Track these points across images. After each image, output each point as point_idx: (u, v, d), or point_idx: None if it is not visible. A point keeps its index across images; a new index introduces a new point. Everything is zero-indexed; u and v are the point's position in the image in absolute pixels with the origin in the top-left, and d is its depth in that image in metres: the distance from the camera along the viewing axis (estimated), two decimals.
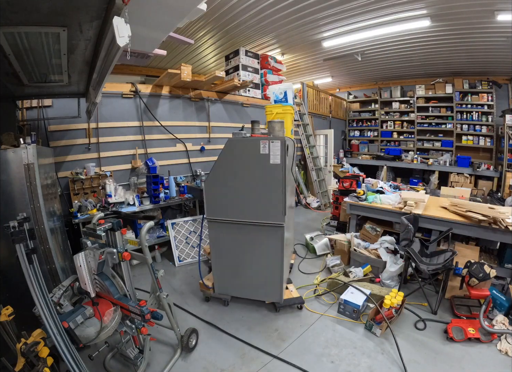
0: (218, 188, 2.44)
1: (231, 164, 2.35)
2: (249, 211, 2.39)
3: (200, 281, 2.81)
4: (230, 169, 2.36)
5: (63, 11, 1.25)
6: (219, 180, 2.42)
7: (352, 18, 4.29)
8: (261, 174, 2.29)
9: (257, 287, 2.60)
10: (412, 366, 1.97)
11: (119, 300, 1.71)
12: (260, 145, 2.21)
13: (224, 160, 2.38)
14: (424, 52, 5.56)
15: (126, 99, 3.81)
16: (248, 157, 2.29)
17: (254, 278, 2.56)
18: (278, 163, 2.21)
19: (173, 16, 2.19)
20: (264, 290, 2.59)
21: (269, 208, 2.33)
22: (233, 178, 2.37)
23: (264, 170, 2.26)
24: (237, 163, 2.34)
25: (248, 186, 2.35)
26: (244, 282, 2.62)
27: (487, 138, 6.70)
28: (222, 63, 5.97)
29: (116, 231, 1.72)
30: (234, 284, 2.66)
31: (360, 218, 3.80)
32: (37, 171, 1.94)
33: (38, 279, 1.39)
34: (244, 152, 2.30)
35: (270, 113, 2.84)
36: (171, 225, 3.74)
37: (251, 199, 2.36)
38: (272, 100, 3.09)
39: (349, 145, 9.07)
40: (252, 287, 2.62)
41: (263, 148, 2.21)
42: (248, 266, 2.55)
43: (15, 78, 2.04)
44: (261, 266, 2.51)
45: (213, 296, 2.73)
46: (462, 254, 2.80)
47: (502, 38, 4.47)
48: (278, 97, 3.08)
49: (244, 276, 2.59)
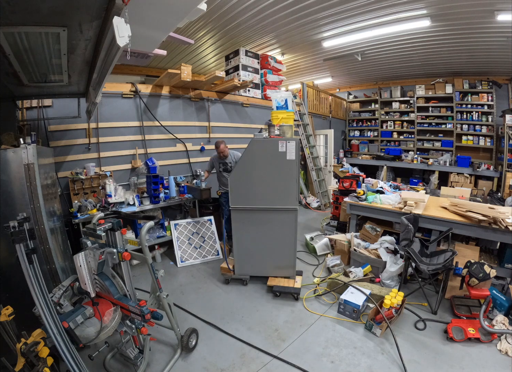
0: (242, 180, 2.87)
1: (253, 161, 2.81)
2: (268, 198, 2.87)
3: (222, 265, 3.21)
4: (252, 165, 2.83)
5: (63, 11, 1.25)
6: (243, 174, 2.86)
7: (352, 18, 4.29)
8: (279, 168, 2.79)
9: (274, 263, 3.04)
10: (412, 366, 1.98)
11: (119, 300, 1.71)
12: (278, 144, 2.73)
13: (247, 157, 2.83)
14: (424, 52, 5.56)
15: (126, 99, 3.81)
16: (268, 155, 2.76)
17: (272, 256, 3.02)
18: (293, 159, 2.75)
19: (173, 16, 2.19)
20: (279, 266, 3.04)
21: (285, 195, 2.85)
22: (255, 171, 2.85)
23: (281, 165, 2.77)
24: (258, 159, 2.82)
25: (268, 178, 2.84)
26: (262, 261, 3.06)
27: (487, 138, 6.70)
28: (222, 63, 5.97)
29: (116, 231, 1.72)
30: (253, 264, 3.09)
31: (360, 218, 3.80)
32: (37, 172, 1.94)
33: (38, 279, 1.39)
34: (265, 150, 2.78)
35: (276, 118, 3.23)
36: (174, 226, 3.75)
37: (270, 188, 2.86)
38: (274, 107, 3.53)
39: (349, 145, 9.07)
40: (270, 265, 3.06)
41: (281, 147, 2.73)
42: (266, 246, 2.99)
43: (15, 78, 2.04)
44: (278, 245, 2.96)
45: (233, 277, 3.15)
46: (462, 254, 2.80)
47: (502, 38, 4.47)
48: (280, 104, 3.51)
49: (262, 256, 3.03)
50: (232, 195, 2.90)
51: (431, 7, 3.81)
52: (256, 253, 3.02)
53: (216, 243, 3.89)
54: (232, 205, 2.92)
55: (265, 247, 2.98)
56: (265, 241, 2.97)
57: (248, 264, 3.08)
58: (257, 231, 2.97)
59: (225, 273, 3.16)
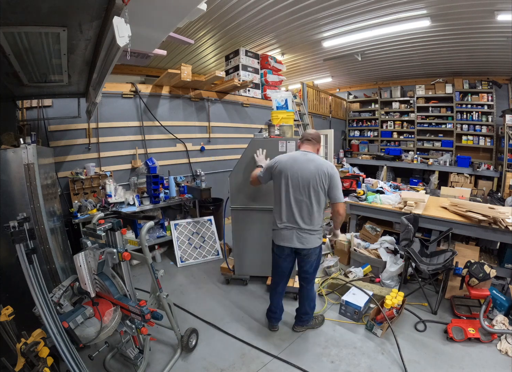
0: (241, 180, 2.84)
1: (253, 160, 2.72)
2: (268, 198, 2.76)
3: (222, 265, 3.18)
4: (252, 164, 2.73)
5: (63, 11, 1.25)
6: (243, 173, 2.82)
7: (352, 18, 4.28)
8: None
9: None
10: (412, 366, 1.98)
11: (119, 300, 1.70)
12: (278, 144, 2.72)
13: (247, 157, 2.79)
14: (424, 52, 5.56)
15: (126, 99, 3.81)
16: (268, 154, 2.68)
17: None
18: None
19: (173, 16, 2.19)
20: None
21: None
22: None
23: None
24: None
25: None
26: (262, 261, 2.95)
27: (487, 138, 6.70)
28: (222, 63, 5.97)
29: (116, 231, 1.72)
30: (253, 264, 3.06)
31: (360, 218, 3.81)
32: (37, 171, 1.94)
33: (38, 279, 1.38)
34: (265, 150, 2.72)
35: (276, 118, 3.18)
36: (174, 226, 3.75)
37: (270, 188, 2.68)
38: (274, 107, 3.46)
39: (349, 145, 9.06)
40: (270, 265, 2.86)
41: (281, 147, 2.72)
42: (266, 246, 2.79)
43: (15, 78, 2.04)
44: None
45: (233, 277, 3.13)
46: (462, 254, 2.80)
47: (502, 38, 4.47)
48: (280, 104, 3.41)
49: (262, 256, 2.93)
50: (231, 194, 2.90)
51: (431, 7, 3.81)
52: (256, 252, 3.00)
53: (216, 243, 3.89)
54: (232, 204, 2.92)
55: (265, 246, 2.93)
56: (265, 241, 2.92)
57: (248, 264, 3.08)
58: (257, 230, 2.96)
59: (225, 273, 3.15)
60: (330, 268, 3.27)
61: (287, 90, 6.85)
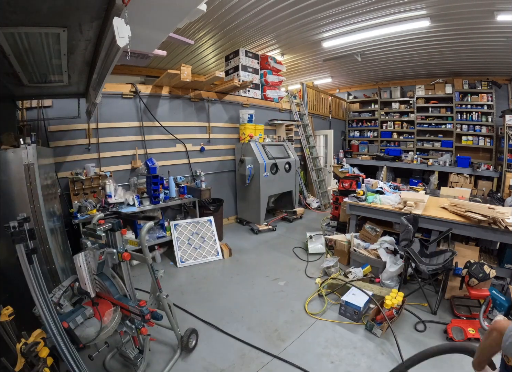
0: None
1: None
2: None
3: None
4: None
5: (63, 12, 1.25)
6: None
7: (352, 19, 4.29)
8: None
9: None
10: None
11: (119, 300, 1.71)
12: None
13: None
14: (424, 53, 5.56)
15: (126, 99, 3.81)
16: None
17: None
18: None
19: (173, 17, 2.19)
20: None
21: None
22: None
23: None
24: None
25: None
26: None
27: (487, 139, 6.70)
28: (222, 63, 5.97)
29: (116, 231, 1.72)
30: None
31: (360, 218, 3.80)
32: (37, 172, 1.94)
33: (38, 279, 1.39)
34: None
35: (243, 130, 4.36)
36: (173, 226, 3.75)
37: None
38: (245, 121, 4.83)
39: (349, 145, 9.07)
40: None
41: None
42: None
43: (15, 78, 2.04)
44: None
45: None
46: (462, 254, 2.80)
47: (502, 38, 4.48)
48: (249, 118, 4.92)
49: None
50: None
51: (431, 7, 3.81)
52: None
53: (216, 243, 3.89)
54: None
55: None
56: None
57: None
58: None
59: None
60: (330, 268, 3.26)
61: (287, 91, 6.85)
